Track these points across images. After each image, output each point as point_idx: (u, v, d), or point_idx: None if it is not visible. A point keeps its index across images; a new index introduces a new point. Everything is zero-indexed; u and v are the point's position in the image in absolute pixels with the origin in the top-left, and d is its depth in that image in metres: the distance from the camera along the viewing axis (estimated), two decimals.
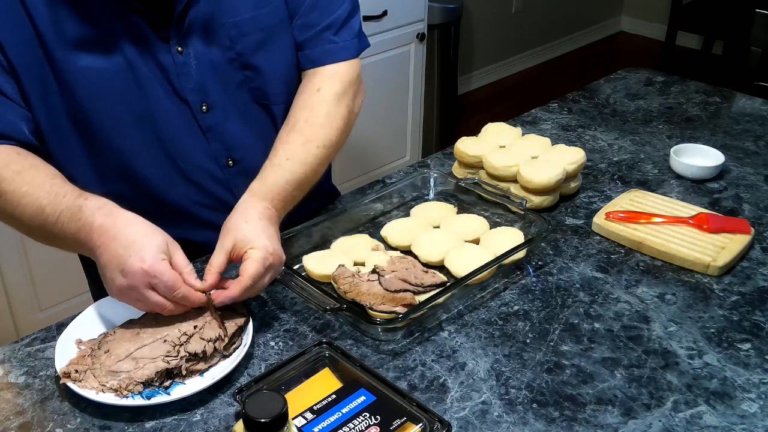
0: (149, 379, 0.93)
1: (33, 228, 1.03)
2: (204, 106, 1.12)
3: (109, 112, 1.08)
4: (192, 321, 0.99)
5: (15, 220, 1.04)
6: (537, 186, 1.28)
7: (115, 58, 1.05)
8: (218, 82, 1.12)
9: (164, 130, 1.11)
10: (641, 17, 4.94)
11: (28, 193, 1.00)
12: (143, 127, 1.10)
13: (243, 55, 1.13)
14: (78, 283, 2.17)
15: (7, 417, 0.92)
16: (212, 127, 1.14)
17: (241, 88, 1.15)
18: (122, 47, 1.05)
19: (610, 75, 1.90)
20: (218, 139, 1.15)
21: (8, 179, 1.01)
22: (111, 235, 0.95)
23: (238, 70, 1.13)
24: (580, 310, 1.10)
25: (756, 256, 1.22)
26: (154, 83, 1.08)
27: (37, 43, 1.02)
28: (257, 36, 1.13)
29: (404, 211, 1.32)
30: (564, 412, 0.93)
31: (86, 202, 0.98)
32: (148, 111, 1.09)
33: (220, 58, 1.11)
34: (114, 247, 0.94)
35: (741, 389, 0.97)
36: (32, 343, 1.04)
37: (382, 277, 1.09)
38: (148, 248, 0.94)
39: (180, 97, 1.10)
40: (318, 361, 0.97)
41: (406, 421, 0.88)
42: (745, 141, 1.58)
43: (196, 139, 1.14)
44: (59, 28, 1.02)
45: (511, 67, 4.37)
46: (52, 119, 1.07)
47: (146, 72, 1.07)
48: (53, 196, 1.00)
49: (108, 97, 1.07)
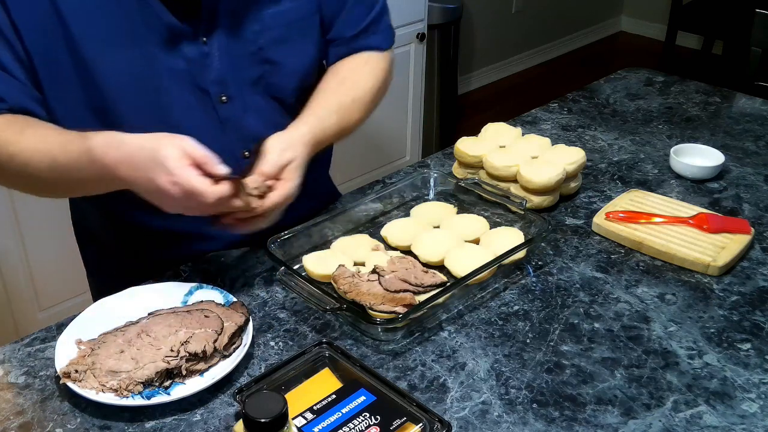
0: (149, 379, 0.93)
1: (50, 182, 1.04)
2: (223, 97, 1.13)
3: (131, 103, 1.08)
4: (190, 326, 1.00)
5: (31, 179, 1.05)
6: (537, 186, 1.28)
7: (140, 49, 1.06)
8: (237, 75, 1.14)
9: (184, 121, 1.12)
10: (641, 17, 4.94)
11: (37, 149, 1.01)
12: (164, 117, 1.11)
13: (264, 49, 1.14)
14: (78, 283, 2.16)
15: (7, 417, 0.92)
16: (229, 118, 1.15)
17: (258, 82, 1.16)
18: (148, 38, 1.06)
19: (610, 75, 1.90)
20: (235, 131, 1.16)
21: (12, 141, 1.02)
22: (131, 163, 0.97)
23: (258, 64, 1.15)
24: (580, 310, 1.10)
25: (756, 256, 1.22)
26: (177, 74, 1.09)
27: (59, 33, 1.02)
28: (280, 31, 1.15)
29: (404, 211, 1.32)
30: (564, 412, 0.93)
31: (93, 142, 0.99)
32: (169, 102, 1.10)
33: (242, 51, 1.13)
34: (139, 175, 0.97)
35: (741, 389, 0.97)
36: (32, 343, 1.04)
37: (382, 277, 1.09)
38: (169, 161, 0.95)
39: (201, 88, 1.12)
40: (318, 361, 0.97)
41: (406, 421, 0.88)
42: (745, 141, 1.58)
43: (214, 130, 1.15)
44: (87, 19, 1.02)
45: (511, 67, 4.37)
46: (70, 108, 1.08)
47: (170, 63, 1.08)
48: (62, 146, 1.01)
49: (131, 88, 1.07)
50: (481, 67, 4.19)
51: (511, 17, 4.21)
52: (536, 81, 4.31)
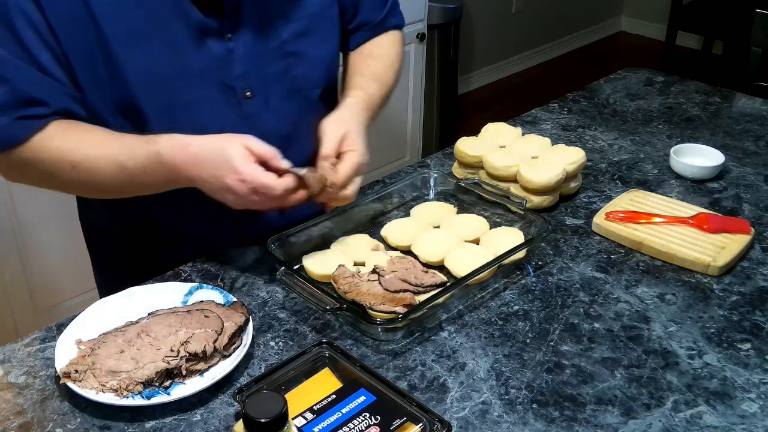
0: (149, 379, 0.93)
1: (118, 186, 1.08)
2: (248, 92, 1.15)
3: (157, 101, 1.09)
4: (190, 326, 1.00)
5: (97, 185, 1.08)
6: (537, 186, 1.28)
7: (167, 46, 1.07)
8: (262, 70, 1.15)
9: (208, 117, 1.13)
10: (641, 17, 4.94)
11: (101, 156, 1.04)
12: (189, 114, 1.12)
13: (287, 42, 1.16)
14: (78, 283, 2.17)
15: (7, 417, 0.92)
16: (252, 113, 1.16)
17: (283, 76, 1.18)
18: (175, 35, 1.07)
19: (610, 75, 1.90)
20: (257, 126, 1.17)
21: (74, 150, 1.04)
22: (198, 164, 1.02)
23: (282, 57, 1.16)
24: (580, 310, 1.10)
25: (756, 256, 1.22)
26: (203, 71, 1.10)
27: (93, 32, 1.03)
28: (302, 23, 1.17)
29: (404, 211, 1.32)
30: (564, 412, 0.93)
31: (159, 146, 1.03)
32: (194, 98, 1.11)
33: (266, 46, 1.14)
34: (207, 174, 1.02)
35: (741, 389, 0.97)
36: (32, 343, 1.04)
37: (382, 277, 1.09)
38: (235, 159, 1.00)
39: (226, 84, 1.13)
40: (318, 361, 0.97)
41: (406, 421, 0.88)
42: (745, 141, 1.58)
43: (237, 126, 1.15)
44: (117, 15, 1.03)
45: (511, 67, 4.37)
46: (102, 107, 1.09)
47: (196, 60, 1.09)
48: (127, 150, 1.04)
49: (158, 85, 1.08)
50: (481, 67, 4.19)
51: (511, 17, 4.21)
52: (536, 81, 4.31)
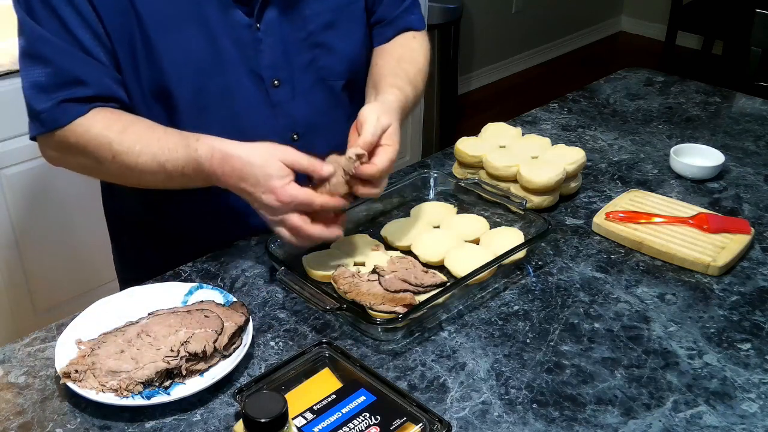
0: (149, 379, 0.93)
1: (157, 181, 1.09)
2: (276, 81, 1.17)
3: (190, 87, 1.11)
4: (190, 326, 1.00)
5: (136, 177, 1.09)
6: (537, 186, 1.28)
7: (201, 33, 1.09)
8: (290, 59, 1.17)
9: (238, 105, 1.15)
10: (641, 17, 4.94)
11: (143, 152, 1.05)
12: (221, 102, 1.14)
13: (313, 34, 1.18)
14: (78, 283, 2.17)
15: (7, 417, 0.92)
16: (280, 102, 1.18)
17: (309, 66, 1.19)
18: (207, 22, 1.09)
19: (610, 75, 1.90)
20: (285, 115, 1.20)
21: (117, 140, 1.05)
22: (237, 176, 1.04)
23: (309, 48, 1.18)
24: (580, 310, 1.10)
25: (756, 256, 1.22)
26: (234, 59, 1.12)
27: (132, 16, 1.05)
28: (329, 16, 1.19)
29: (404, 211, 1.32)
30: (564, 412, 0.93)
31: (199, 153, 1.04)
32: (226, 86, 1.13)
33: (294, 37, 1.16)
34: (246, 187, 1.04)
35: (741, 389, 0.97)
36: (32, 343, 1.04)
37: (382, 277, 1.09)
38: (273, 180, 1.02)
39: (255, 72, 1.14)
40: (318, 361, 0.97)
41: (406, 421, 0.88)
42: (745, 141, 1.58)
43: (265, 114, 1.18)
44: (154, 2, 1.05)
45: (511, 67, 4.37)
46: (135, 91, 1.10)
47: (227, 47, 1.11)
48: (167, 151, 1.05)
49: (192, 72, 1.10)
50: (481, 67, 4.19)
51: (511, 17, 4.21)
52: (536, 81, 4.31)
